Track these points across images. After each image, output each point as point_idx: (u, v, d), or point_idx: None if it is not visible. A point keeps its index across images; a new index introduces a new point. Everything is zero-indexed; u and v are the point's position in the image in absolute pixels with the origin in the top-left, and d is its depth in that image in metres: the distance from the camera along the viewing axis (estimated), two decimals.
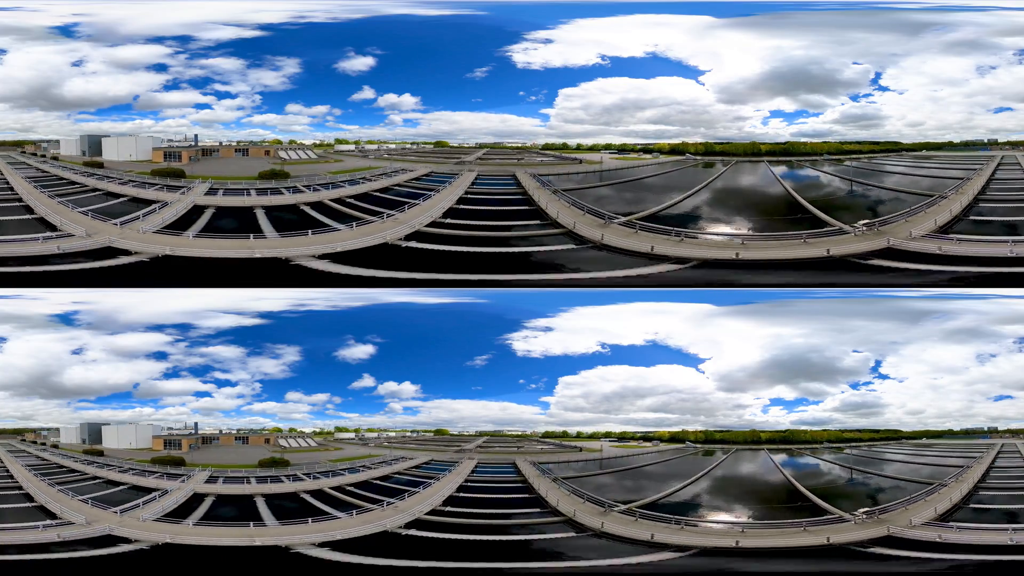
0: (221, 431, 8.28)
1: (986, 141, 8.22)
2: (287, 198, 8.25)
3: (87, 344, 8.27)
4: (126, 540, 8.11)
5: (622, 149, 8.23)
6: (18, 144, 8.27)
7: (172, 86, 8.08)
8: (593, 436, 8.25)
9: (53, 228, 8.09)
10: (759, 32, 8.22)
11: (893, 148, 8.24)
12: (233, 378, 8.19)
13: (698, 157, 8.22)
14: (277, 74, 8.08)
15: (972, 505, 8.27)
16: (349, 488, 8.30)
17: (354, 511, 8.20)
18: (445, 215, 8.19)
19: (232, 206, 8.15)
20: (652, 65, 8.17)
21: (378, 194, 8.31)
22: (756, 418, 8.21)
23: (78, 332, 8.27)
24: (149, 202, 8.18)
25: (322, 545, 8.10)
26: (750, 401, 8.18)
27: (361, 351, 8.18)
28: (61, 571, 8.09)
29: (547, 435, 8.25)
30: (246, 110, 8.08)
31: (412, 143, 8.20)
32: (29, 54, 8.13)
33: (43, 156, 8.28)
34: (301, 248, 7.97)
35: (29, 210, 8.19)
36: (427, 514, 8.20)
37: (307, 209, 8.22)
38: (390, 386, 8.15)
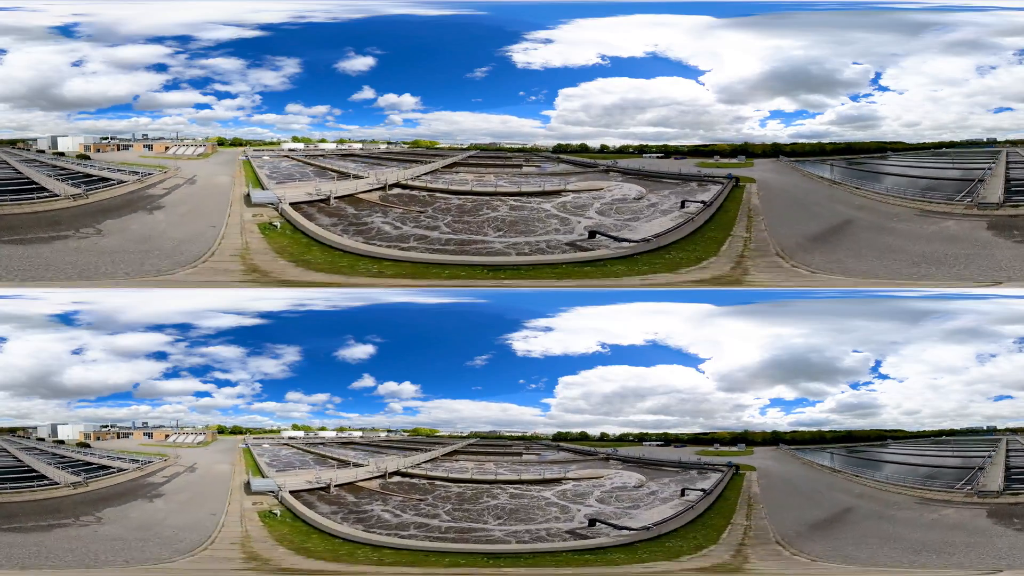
0: (138, 427, 8.60)
1: (986, 140, 8.26)
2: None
3: (87, 344, 8.25)
4: None
5: (666, 152, 8.22)
6: (13, 143, 8.29)
7: (172, 86, 8.08)
8: (641, 438, 8.22)
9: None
10: (759, 32, 8.23)
11: (922, 147, 8.26)
12: (233, 378, 8.18)
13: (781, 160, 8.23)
14: (277, 74, 8.08)
15: None
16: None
17: None
18: None
19: None
20: (652, 65, 8.18)
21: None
22: (755, 419, 8.23)
23: (78, 332, 8.26)
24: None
25: None
26: (750, 401, 8.20)
27: (361, 351, 8.18)
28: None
29: (559, 437, 8.23)
30: (246, 110, 8.08)
31: (387, 143, 8.20)
32: (29, 54, 8.12)
33: (40, 151, 8.36)
34: None
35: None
36: None
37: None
38: (390, 386, 8.15)
